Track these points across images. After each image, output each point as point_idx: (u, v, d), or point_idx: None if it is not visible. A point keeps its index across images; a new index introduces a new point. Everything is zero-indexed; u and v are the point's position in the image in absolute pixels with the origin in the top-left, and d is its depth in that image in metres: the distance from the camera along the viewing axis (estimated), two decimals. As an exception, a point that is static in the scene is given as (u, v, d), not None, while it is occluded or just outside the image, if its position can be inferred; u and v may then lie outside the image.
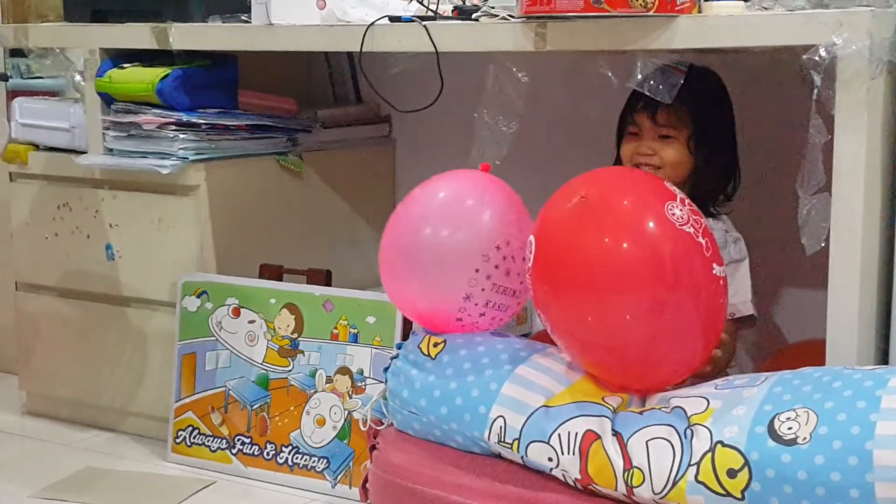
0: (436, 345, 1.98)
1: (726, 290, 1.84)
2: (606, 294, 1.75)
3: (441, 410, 1.91)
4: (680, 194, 1.85)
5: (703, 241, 1.80)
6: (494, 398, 1.85)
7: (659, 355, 1.79)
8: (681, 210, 1.80)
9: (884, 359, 1.93)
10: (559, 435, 1.77)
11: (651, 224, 1.77)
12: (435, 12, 2.33)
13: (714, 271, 1.81)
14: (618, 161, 2.29)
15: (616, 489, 1.72)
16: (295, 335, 2.47)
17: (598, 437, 1.74)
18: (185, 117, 2.59)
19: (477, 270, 1.96)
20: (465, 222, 1.97)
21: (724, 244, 2.18)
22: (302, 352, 2.46)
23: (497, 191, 2.02)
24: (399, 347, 2.03)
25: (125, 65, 2.66)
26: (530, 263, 1.84)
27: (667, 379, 1.83)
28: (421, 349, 1.98)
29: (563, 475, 1.77)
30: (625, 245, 1.75)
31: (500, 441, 1.83)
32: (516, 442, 1.81)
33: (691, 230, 1.79)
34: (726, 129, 2.26)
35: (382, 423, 2.04)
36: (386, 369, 2.02)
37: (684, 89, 2.04)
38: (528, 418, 1.81)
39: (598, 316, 1.77)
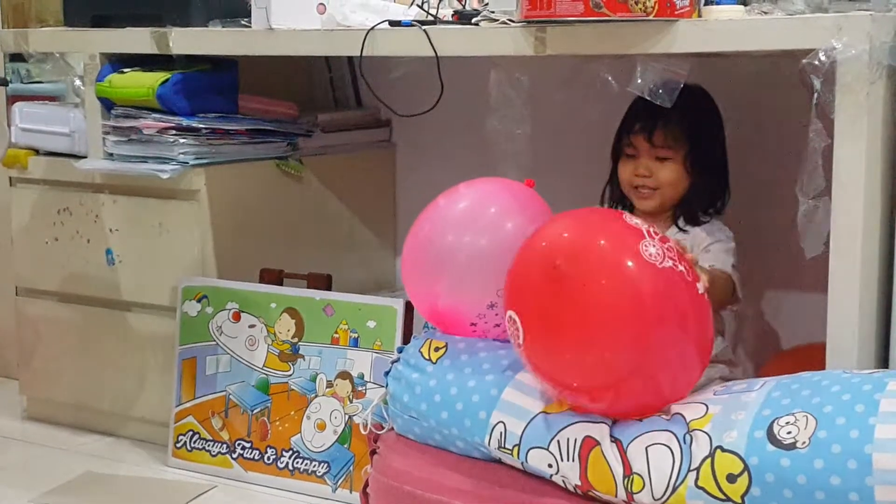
0: (437, 349, 1.98)
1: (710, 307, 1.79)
2: (609, 352, 1.70)
3: (441, 415, 1.91)
4: (644, 227, 1.77)
5: (682, 269, 1.74)
6: (495, 404, 1.85)
7: (669, 386, 1.77)
8: (655, 247, 1.73)
9: (883, 363, 1.93)
10: (558, 441, 1.77)
11: (633, 267, 1.70)
12: (435, 17, 2.33)
13: (699, 291, 1.76)
14: (614, 180, 2.29)
15: (616, 495, 1.72)
16: (295, 339, 2.47)
17: (597, 443, 1.74)
18: (185, 122, 2.58)
19: None
20: (510, 235, 1.95)
21: (710, 231, 2.19)
22: (302, 356, 2.46)
23: (541, 210, 2.01)
24: (400, 351, 2.02)
25: (125, 69, 2.66)
26: (521, 341, 1.77)
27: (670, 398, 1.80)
28: (422, 353, 1.98)
29: (563, 481, 1.77)
30: (617, 300, 1.69)
31: (500, 447, 1.83)
32: (516, 448, 1.81)
33: (670, 263, 1.72)
34: (719, 146, 2.26)
35: (383, 428, 2.04)
36: (387, 373, 2.02)
37: (678, 109, 2.03)
38: (527, 424, 1.81)
39: (616, 379, 1.72)
